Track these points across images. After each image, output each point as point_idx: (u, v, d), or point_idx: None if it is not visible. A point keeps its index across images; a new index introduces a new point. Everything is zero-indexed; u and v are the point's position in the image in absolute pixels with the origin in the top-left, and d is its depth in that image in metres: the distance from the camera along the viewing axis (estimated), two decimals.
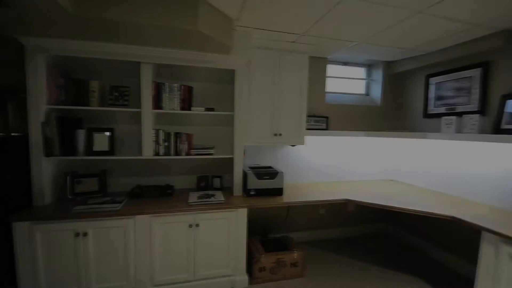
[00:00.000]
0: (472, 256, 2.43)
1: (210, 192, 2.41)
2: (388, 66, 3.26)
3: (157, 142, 2.21)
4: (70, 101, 2.11)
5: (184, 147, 2.27)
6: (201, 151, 2.32)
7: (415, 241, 3.07)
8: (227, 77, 2.43)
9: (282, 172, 2.43)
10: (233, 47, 2.20)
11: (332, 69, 3.28)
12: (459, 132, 2.40)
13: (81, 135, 2.12)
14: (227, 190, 2.58)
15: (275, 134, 2.56)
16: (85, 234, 1.86)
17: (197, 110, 2.26)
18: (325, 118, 3.07)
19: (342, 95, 3.35)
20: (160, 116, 2.41)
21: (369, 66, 3.44)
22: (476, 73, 2.38)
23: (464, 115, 2.35)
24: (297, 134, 2.65)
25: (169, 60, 2.11)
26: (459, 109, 2.53)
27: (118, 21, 1.61)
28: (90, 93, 2.12)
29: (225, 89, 2.62)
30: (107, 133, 2.21)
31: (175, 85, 2.20)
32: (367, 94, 3.50)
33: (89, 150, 2.14)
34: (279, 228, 3.06)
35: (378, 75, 3.32)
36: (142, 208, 2.01)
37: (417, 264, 2.69)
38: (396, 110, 3.35)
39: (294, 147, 3.01)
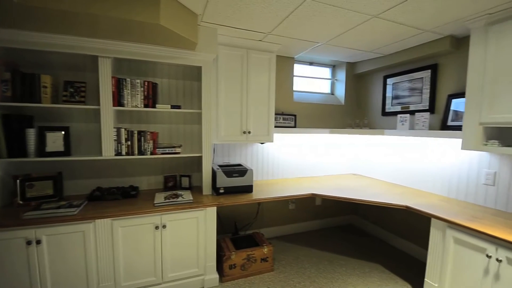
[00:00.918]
0: (424, 241, 2.68)
1: (179, 192, 2.35)
2: (350, 67, 3.44)
3: (118, 141, 2.10)
4: (18, 97, 1.91)
5: (148, 146, 2.19)
6: (168, 150, 2.25)
7: (377, 230, 3.30)
8: (194, 74, 2.39)
9: (251, 170, 2.45)
10: (199, 44, 2.17)
11: (299, 69, 3.38)
12: (412, 128, 2.63)
13: (31, 134, 1.93)
14: (196, 189, 2.54)
15: (244, 132, 2.58)
16: (38, 242, 1.71)
17: (163, 108, 2.19)
18: (293, 116, 3.15)
19: (309, 94, 3.46)
20: (121, 113, 2.29)
21: (334, 67, 3.60)
22: (426, 74, 2.61)
23: (416, 113, 2.56)
24: (266, 132, 2.69)
25: (130, 55, 2.01)
26: (412, 107, 2.76)
27: (71, 12, 1.49)
28: (41, 89, 1.94)
29: (193, 86, 2.57)
30: (62, 132, 2.04)
31: (138, 81, 2.11)
32: (332, 93, 3.67)
33: (41, 151, 1.96)
34: (251, 225, 3.09)
35: (341, 75, 3.49)
36: (102, 211, 1.90)
37: (378, 252, 2.90)
38: (358, 108, 3.56)
39: (263, 144, 3.06)
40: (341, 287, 2.26)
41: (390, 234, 3.10)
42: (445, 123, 2.41)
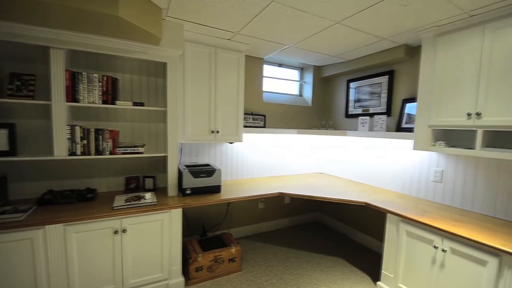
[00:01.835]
0: (382, 235, 2.87)
1: (141, 194, 2.24)
2: (317, 70, 3.57)
3: (72, 140, 1.94)
4: None
5: (107, 145, 2.05)
6: (129, 150, 2.13)
7: (340, 226, 3.46)
8: (160, 70, 2.29)
9: (219, 170, 2.42)
10: (164, 39, 2.09)
11: (269, 70, 3.43)
12: (372, 130, 2.80)
13: None
14: (162, 190, 2.44)
15: (213, 131, 2.54)
16: None
17: (123, 105, 2.07)
18: (262, 116, 3.18)
19: (278, 95, 3.52)
20: (77, 110, 2.13)
21: (302, 69, 3.71)
22: (384, 80, 2.80)
23: (375, 116, 2.74)
24: (235, 132, 2.68)
25: (86, 47, 1.87)
26: (372, 110, 2.95)
27: None
28: None
29: (158, 82, 2.47)
30: (5, 130, 1.83)
31: (95, 75, 1.96)
32: (300, 95, 3.77)
33: None
34: (220, 225, 3.05)
35: (309, 77, 3.61)
36: (54, 216, 1.73)
37: (341, 246, 3.04)
38: (324, 110, 3.71)
39: (232, 144, 3.04)
40: (306, 282, 2.33)
41: (352, 229, 3.27)
42: (400, 125, 2.60)
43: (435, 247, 1.80)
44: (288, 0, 1.72)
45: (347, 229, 3.35)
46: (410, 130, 2.47)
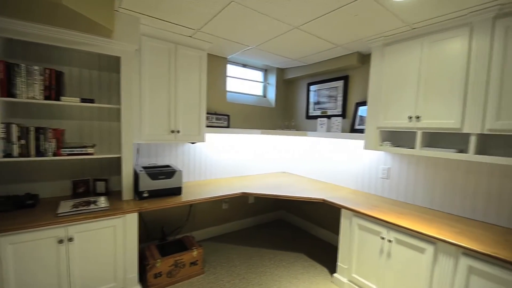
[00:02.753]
0: (338, 229, 3.05)
1: (92, 199, 2.06)
2: (280, 72, 3.66)
3: (8, 139, 1.71)
4: None
5: (50, 146, 1.85)
6: (76, 151, 1.94)
7: (302, 223, 3.60)
8: (113, 64, 2.14)
9: (180, 171, 2.34)
10: (117, 31, 1.95)
11: (233, 70, 3.42)
12: (329, 131, 2.97)
13: None
14: (116, 194, 2.28)
15: (173, 131, 2.45)
16: None
17: (70, 101, 1.88)
18: (226, 116, 3.16)
19: (243, 95, 3.54)
20: (13, 106, 1.89)
21: (266, 71, 3.77)
22: (340, 84, 2.99)
23: (332, 118, 2.91)
24: (197, 131, 2.62)
25: (25, 36, 1.66)
26: (330, 112, 3.12)
27: None
28: None
29: (111, 78, 2.30)
30: None
31: (36, 67, 1.76)
32: (264, 96, 3.83)
33: None
34: (182, 228, 2.95)
35: (272, 79, 3.69)
36: None
37: (302, 242, 3.16)
38: (287, 111, 3.82)
39: (194, 144, 2.97)
40: (268, 280, 2.37)
41: (313, 225, 3.43)
42: (354, 127, 2.80)
43: (382, 238, 1.97)
44: (248, 2, 1.74)
45: (309, 225, 3.49)
46: (362, 131, 2.67)
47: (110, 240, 1.90)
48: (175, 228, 2.91)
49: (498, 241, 1.61)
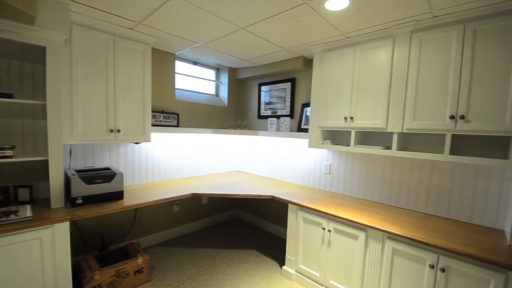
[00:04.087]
0: (287, 223, 3.20)
1: (12, 208, 1.78)
2: (232, 71, 3.67)
3: None
4: None
5: None
6: None
7: (255, 220, 3.68)
8: (38, 55, 1.88)
9: (121, 173, 2.18)
10: (41, 18, 1.72)
11: (183, 67, 3.31)
12: (278, 130, 3.09)
13: None
14: (43, 202, 2.01)
15: (112, 131, 2.26)
16: None
17: None
18: (175, 114, 3.05)
19: (193, 94, 3.44)
20: None
21: (218, 70, 3.74)
22: (288, 86, 3.13)
23: (281, 117, 3.04)
24: (141, 131, 2.46)
25: None
26: (279, 112, 3.26)
27: None
28: None
29: (36, 70, 2.03)
30: None
31: None
32: (217, 95, 3.80)
33: None
34: (126, 235, 2.75)
35: (225, 78, 3.68)
36: None
37: (255, 239, 3.23)
38: (239, 110, 3.85)
39: (139, 144, 2.79)
40: (219, 280, 2.36)
41: (265, 221, 3.53)
42: (300, 126, 2.97)
43: (323, 228, 2.13)
44: None
45: (261, 222, 3.58)
46: (307, 130, 2.84)
47: (36, 255, 1.67)
48: (118, 236, 2.69)
49: (416, 224, 1.88)
